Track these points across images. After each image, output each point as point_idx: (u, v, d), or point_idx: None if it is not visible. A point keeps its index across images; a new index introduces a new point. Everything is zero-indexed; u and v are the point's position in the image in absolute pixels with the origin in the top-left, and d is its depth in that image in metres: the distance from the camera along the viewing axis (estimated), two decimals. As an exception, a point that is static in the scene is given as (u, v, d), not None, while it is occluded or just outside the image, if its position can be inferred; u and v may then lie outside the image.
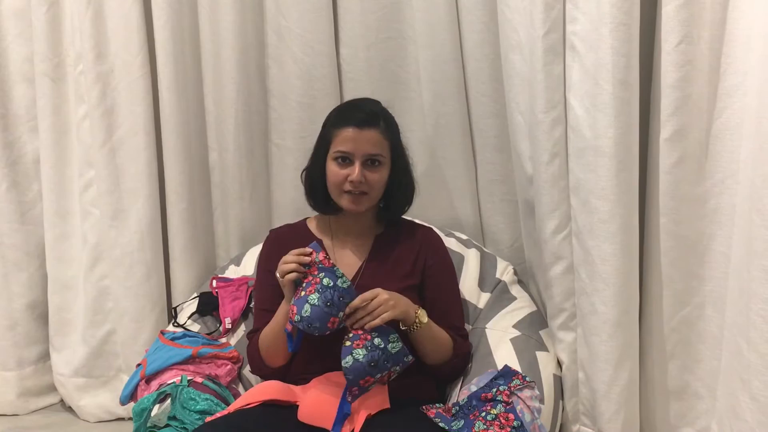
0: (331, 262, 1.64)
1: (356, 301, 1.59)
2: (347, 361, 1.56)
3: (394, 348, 1.59)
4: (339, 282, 1.60)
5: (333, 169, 1.72)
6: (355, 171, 1.69)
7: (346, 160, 1.71)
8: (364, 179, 1.70)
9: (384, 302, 1.60)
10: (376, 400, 1.59)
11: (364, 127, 1.70)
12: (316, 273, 1.62)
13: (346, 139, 1.70)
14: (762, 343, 1.46)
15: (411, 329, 1.66)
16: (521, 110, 1.88)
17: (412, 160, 1.86)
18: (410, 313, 1.65)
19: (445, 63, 2.14)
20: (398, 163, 1.78)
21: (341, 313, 1.59)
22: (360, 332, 1.59)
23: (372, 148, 1.71)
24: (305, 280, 1.62)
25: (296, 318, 1.59)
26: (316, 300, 1.58)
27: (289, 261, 1.64)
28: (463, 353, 1.79)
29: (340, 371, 1.69)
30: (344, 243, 1.82)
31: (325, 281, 1.60)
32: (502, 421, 1.50)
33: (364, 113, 1.73)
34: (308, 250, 1.64)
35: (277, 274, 1.67)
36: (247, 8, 2.25)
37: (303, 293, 1.60)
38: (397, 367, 1.60)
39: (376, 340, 1.57)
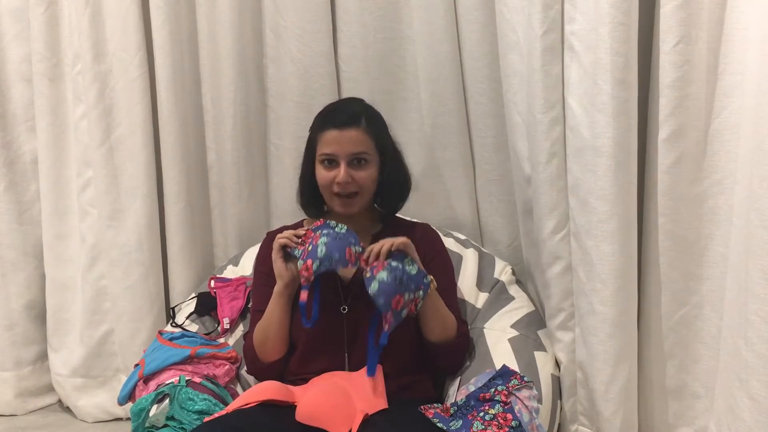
0: (321, 220, 1.72)
1: (374, 245, 1.65)
2: (373, 287, 1.58)
3: (411, 269, 1.62)
4: (337, 229, 1.67)
5: (321, 173, 1.74)
6: (341, 172, 1.70)
7: (332, 162, 1.73)
8: (351, 179, 1.71)
9: (395, 239, 1.65)
10: (375, 401, 1.59)
11: (345, 128, 1.72)
12: (312, 234, 1.68)
13: (329, 141, 1.72)
14: (760, 342, 1.46)
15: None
16: (519, 110, 1.88)
17: (406, 157, 1.86)
18: (422, 270, 1.67)
19: (443, 63, 2.14)
20: (387, 158, 1.78)
21: (353, 247, 1.64)
22: (375, 263, 1.62)
23: (355, 146, 1.72)
24: (306, 243, 1.67)
25: (315, 265, 1.61)
26: (326, 239, 1.63)
27: (283, 236, 1.70)
28: (465, 335, 1.80)
29: (338, 371, 1.69)
30: None
31: (325, 231, 1.66)
32: (500, 421, 1.50)
33: (345, 114, 1.75)
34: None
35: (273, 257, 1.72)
36: (245, 8, 2.25)
37: (310, 247, 1.64)
38: (420, 292, 1.63)
39: (393, 263, 1.61)
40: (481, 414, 1.52)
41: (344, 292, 1.74)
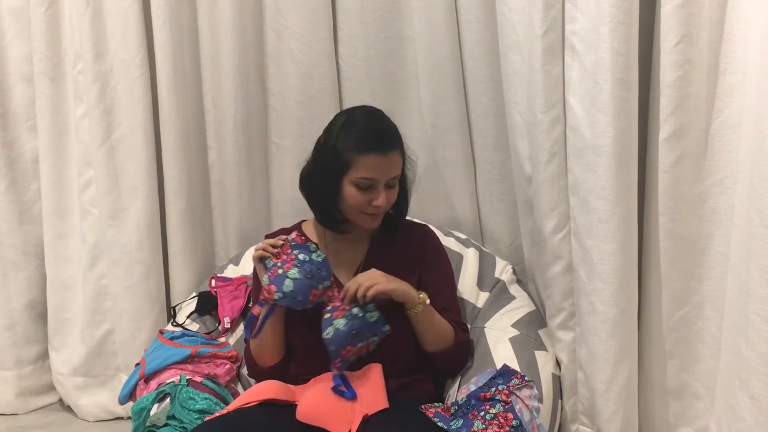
0: (303, 239, 1.68)
1: (351, 283, 1.62)
2: (328, 333, 1.58)
3: (371, 317, 1.61)
4: (314, 256, 1.65)
5: (353, 193, 1.65)
6: (381, 196, 1.65)
7: (370, 185, 1.66)
8: (387, 202, 1.68)
9: (376, 276, 1.62)
10: (375, 400, 1.59)
11: (388, 153, 1.65)
12: (289, 251, 1.65)
13: (372, 166, 1.63)
14: (760, 342, 1.46)
15: (415, 309, 1.67)
16: (520, 110, 1.88)
17: (411, 165, 1.83)
18: (411, 294, 1.66)
19: (443, 62, 2.14)
20: (405, 175, 1.77)
21: (320, 285, 1.62)
22: (338, 304, 1.62)
23: (394, 171, 1.68)
24: (280, 259, 1.65)
25: (277, 296, 1.61)
26: (297, 273, 1.61)
27: (260, 248, 1.68)
28: (465, 342, 1.79)
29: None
30: (341, 245, 1.80)
31: (301, 257, 1.64)
32: (501, 420, 1.50)
33: (385, 137, 1.67)
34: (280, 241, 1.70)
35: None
36: (247, 7, 2.25)
37: (280, 271, 1.62)
38: (376, 338, 1.62)
39: (354, 310, 1.60)
40: (482, 413, 1.52)
41: None
